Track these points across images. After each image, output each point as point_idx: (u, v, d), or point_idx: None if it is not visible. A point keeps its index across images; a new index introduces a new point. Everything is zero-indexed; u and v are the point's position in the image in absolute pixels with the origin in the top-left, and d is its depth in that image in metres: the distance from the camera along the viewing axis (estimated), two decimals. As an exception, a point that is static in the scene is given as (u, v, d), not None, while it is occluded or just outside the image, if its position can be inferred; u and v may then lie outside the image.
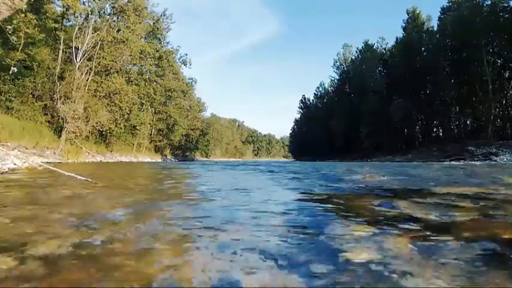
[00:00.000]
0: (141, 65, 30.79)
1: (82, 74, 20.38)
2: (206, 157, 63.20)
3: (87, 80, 20.89)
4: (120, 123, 24.74)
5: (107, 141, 24.85)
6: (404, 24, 34.97)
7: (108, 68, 23.75)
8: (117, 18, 24.55)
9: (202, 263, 0.95)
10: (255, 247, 1.10)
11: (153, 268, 0.91)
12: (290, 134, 78.96)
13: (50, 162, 9.47)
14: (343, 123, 39.13)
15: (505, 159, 16.70)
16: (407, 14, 34.97)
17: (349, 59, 47.55)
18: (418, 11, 34.44)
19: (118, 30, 24.30)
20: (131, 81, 29.06)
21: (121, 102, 24.05)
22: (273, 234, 1.29)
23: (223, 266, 0.92)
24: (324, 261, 0.96)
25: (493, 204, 2.08)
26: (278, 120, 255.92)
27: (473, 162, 16.10)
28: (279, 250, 1.07)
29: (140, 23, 25.99)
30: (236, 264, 0.94)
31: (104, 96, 22.82)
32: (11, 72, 15.55)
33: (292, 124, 77.93)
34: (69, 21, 21.60)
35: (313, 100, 60.78)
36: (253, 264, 0.93)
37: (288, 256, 1.01)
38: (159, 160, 30.34)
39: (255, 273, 0.87)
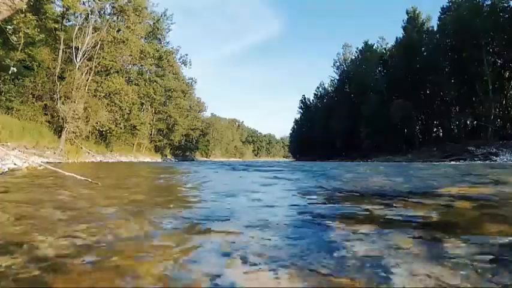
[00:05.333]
0: (141, 65, 30.81)
1: (82, 74, 20.38)
2: (206, 157, 63.16)
3: (87, 80, 20.89)
4: (120, 123, 24.74)
5: (107, 141, 24.85)
6: (404, 24, 34.95)
7: (108, 68, 23.75)
8: (117, 18, 24.55)
9: (201, 261, 0.95)
10: (255, 246, 1.10)
11: (153, 268, 0.91)
12: (290, 134, 78.94)
13: (50, 162, 9.47)
14: (343, 123, 39.12)
15: (505, 159, 16.70)
16: (407, 14, 34.96)
17: (349, 59, 47.56)
18: (418, 11, 34.44)
19: (118, 30, 24.29)
20: (131, 81, 29.08)
21: (121, 102, 24.06)
22: (272, 233, 1.29)
23: (222, 265, 0.92)
24: (324, 260, 0.96)
25: (493, 204, 2.08)
26: (278, 120, 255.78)
27: (473, 162, 16.10)
28: (278, 249, 1.07)
29: (140, 23, 25.99)
30: (235, 263, 0.94)
31: (104, 96, 22.82)
32: (10, 72, 15.55)
33: (292, 124, 77.97)
34: (69, 21, 21.62)
35: (313, 100, 60.78)
36: (253, 263, 0.93)
37: (287, 255, 1.01)
38: (159, 160, 30.33)
39: (255, 272, 0.87)
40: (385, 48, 40.21)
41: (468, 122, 28.53)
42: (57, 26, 19.78)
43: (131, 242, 1.17)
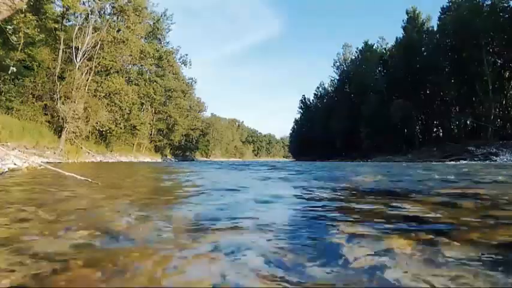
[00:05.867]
0: (141, 65, 30.83)
1: (82, 74, 20.39)
2: (206, 157, 63.19)
3: (87, 80, 20.90)
4: (120, 123, 24.76)
5: (107, 141, 24.87)
6: (404, 24, 34.96)
7: (108, 68, 23.76)
8: (117, 18, 24.56)
9: (201, 263, 0.95)
10: (253, 247, 1.10)
11: (152, 267, 0.91)
12: (290, 134, 79.02)
13: (50, 162, 9.48)
14: (343, 123, 39.14)
15: (505, 159, 16.70)
16: (407, 14, 34.97)
17: (349, 59, 47.62)
18: (418, 11, 34.45)
19: (118, 30, 24.30)
20: (131, 81, 29.09)
21: (121, 102, 24.07)
22: (271, 234, 1.29)
23: (221, 267, 0.92)
24: (323, 261, 0.96)
25: (493, 204, 2.08)
26: (278, 120, 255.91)
27: (473, 162, 16.10)
28: (277, 250, 1.07)
29: (140, 23, 26.00)
30: (234, 265, 0.94)
31: (104, 96, 22.84)
32: (10, 72, 15.56)
33: (292, 124, 78.04)
34: (69, 21, 21.63)
35: (313, 100, 60.84)
36: (252, 264, 0.93)
37: (286, 256, 1.01)
38: (159, 160, 30.34)
39: (254, 273, 0.87)
40: (385, 48, 40.24)
41: (468, 122, 28.53)
42: (57, 26, 19.79)
43: (131, 242, 1.17)
